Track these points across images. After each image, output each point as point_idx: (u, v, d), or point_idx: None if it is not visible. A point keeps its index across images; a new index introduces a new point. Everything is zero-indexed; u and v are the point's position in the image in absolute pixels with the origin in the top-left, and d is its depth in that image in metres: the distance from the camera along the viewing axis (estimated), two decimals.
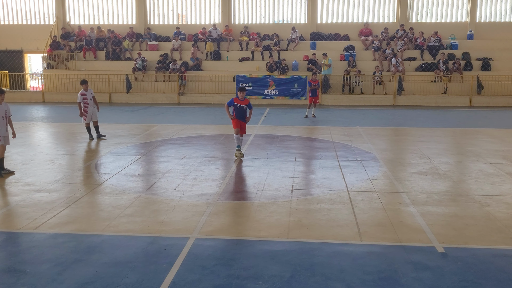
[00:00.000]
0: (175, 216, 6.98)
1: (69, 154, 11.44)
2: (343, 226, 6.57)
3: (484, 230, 6.45)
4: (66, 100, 24.23)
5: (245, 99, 10.90)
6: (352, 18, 27.08)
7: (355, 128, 15.40)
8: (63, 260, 5.45)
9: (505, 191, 8.27)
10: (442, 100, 22.69)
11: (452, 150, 12.30)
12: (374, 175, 9.39)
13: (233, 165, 10.23)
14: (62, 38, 27.08)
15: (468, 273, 5.15)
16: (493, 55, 24.29)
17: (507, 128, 15.62)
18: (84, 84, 13.29)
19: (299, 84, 23.06)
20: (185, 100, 23.90)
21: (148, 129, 15.22)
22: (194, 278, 5.05)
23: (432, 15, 26.92)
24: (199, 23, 27.65)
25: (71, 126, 15.94)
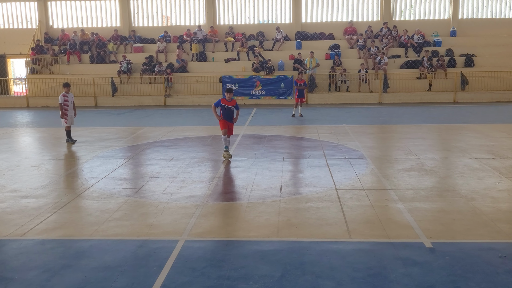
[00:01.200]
0: (164, 218, 6.96)
1: (55, 159, 11.34)
2: (332, 224, 6.61)
3: (470, 225, 6.54)
4: (51, 104, 23.98)
5: (232, 100, 10.90)
6: (336, 17, 27.23)
7: (342, 126, 15.49)
8: (52, 266, 5.40)
9: (490, 186, 8.39)
10: (427, 97, 22.92)
11: (438, 146, 12.44)
12: (361, 172, 9.45)
13: (221, 166, 10.23)
14: (45, 42, 26.83)
15: (456, 267, 5.21)
16: (476, 51, 24.60)
17: (491, 123, 15.83)
18: (66, 87, 13.21)
19: (286, 83, 23.11)
20: (171, 102, 23.82)
21: (135, 132, 15.14)
22: (184, 280, 5.04)
23: (415, 12, 27.18)
24: (184, 24, 27.58)
25: (56, 131, 15.78)
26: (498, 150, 11.30)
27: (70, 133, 13.30)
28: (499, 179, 8.80)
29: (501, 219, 6.72)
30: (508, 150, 11.33)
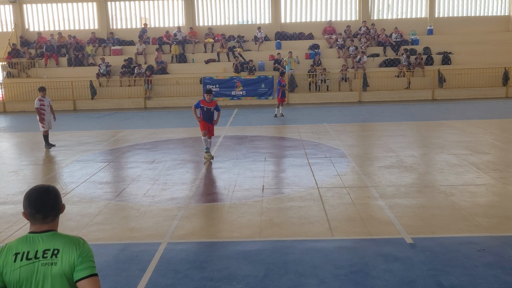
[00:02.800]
0: (146, 221, 6.91)
1: (34, 164, 11.17)
2: (314, 223, 6.65)
3: (450, 219, 6.64)
4: (28, 109, 23.54)
5: (212, 101, 10.88)
6: (315, 17, 27.38)
7: (322, 125, 15.59)
8: None
9: (468, 181, 8.53)
10: (406, 95, 23.19)
11: (417, 143, 12.61)
12: (342, 171, 9.53)
13: (203, 168, 10.20)
14: (21, 46, 26.38)
15: (436, 262, 5.30)
16: (452, 49, 24.98)
17: (469, 119, 16.11)
18: (42, 91, 13.03)
19: (266, 84, 23.15)
20: (151, 104, 23.66)
21: (115, 135, 14.99)
22: (167, 283, 5.01)
23: (392, 12, 27.50)
24: (163, 26, 27.41)
25: (34, 135, 15.53)
26: (475, 146, 11.51)
27: (47, 138, 13.10)
28: (477, 174, 8.96)
29: (479, 213, 6.85)
30: (485, 146, 11.55)
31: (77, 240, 2.66)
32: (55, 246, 2.58)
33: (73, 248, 2.59)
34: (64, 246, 2.59)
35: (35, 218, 2.61)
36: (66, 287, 2.56)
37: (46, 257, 2.55)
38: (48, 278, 2.53)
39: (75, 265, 2.56)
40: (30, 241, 2.58)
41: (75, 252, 2.58)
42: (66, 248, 2.58)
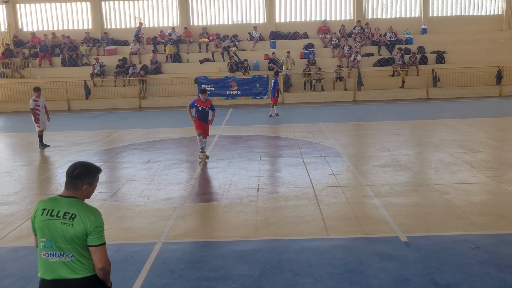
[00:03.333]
0: (141, 222, 6.90)
1: (28, 165, 11.12)
2: (310, 222, 6.66)
3: (444, 218, 6.67)
4: (22, 109, 23.44)
5: (207, 101, 10.86)
6: (310, 17, 27.40)
7: (317, 124, 15.61)
8: (26, 274, 5.29)
9: (462, 179, 8.57)
10: (400, 94, 23.26)
11: (412, 142, 12.65)
12: (337, 170, 9.55)
13: (198, 168, 10.19)
14: (15, 46, 26.25)
15: (430, 260, 5.32)
16: (446, 48, 25.08)
17: (463, 118, 16.18)
18: (37, 92, 12.98)
19: (261, 83, 23.15)
20: (146, 104, 23.60)
21: (109, 135, 14.95)
22: (162, 283, 5.01)
23: (387, 11, 27.57)
24: (157, 26, 27.34)
25: (28, 136, 15.46)
26: (469, 145, 11.56)
27: (42, 138, 13.05)
28: (471, 172, 9.01)
29: (474, 211, 6.89)
30: (479, 144, 11.60)
31: (94, 211, 3.20)
32: (74, 211, 3.14)
33: (88, 217, 3.13)
34: (81, 214, 3.13)
35: (65, 184, 3.26)
36: (76, 245, 3.13)
37: (65, 218, 3.13)
38: (64, 235, 3.11)
39: (88, 232, 3.12)
40: (56, 201, 3.20)
41: (88, 222, 3.12)
42: (82, 216, 3.12)
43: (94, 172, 3.31)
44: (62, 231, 3.11)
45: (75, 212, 3.14)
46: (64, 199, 3.20)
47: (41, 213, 3.18)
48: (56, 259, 3.16)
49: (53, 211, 3.16)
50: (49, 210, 3.17)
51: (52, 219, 3.14)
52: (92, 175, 3.29)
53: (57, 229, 3.12)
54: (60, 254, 3.16)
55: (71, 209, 3.15)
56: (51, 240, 3.14)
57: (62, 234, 3.11)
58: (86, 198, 3.31)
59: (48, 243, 3.15)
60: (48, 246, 3.16)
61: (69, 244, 3.13)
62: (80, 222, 3.11)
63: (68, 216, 3.13)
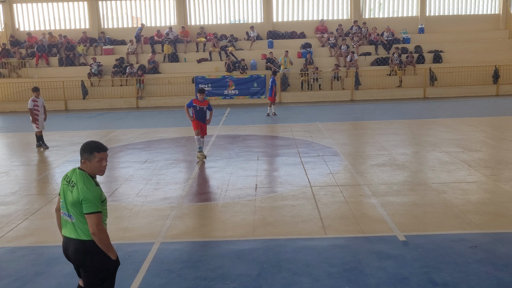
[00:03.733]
0: (138, 221, 6.89)
1: (25, 165, 11.09)
2: (307, 221, 6.66)
3: (442, 217, 6.68)
4: (19, 109, 23.42)
5: (204, 101, 10.86)
6: (307, 16, 27.42)
7: (315, 124, 15.61)
8: (24, 274, 5.29)
9: (460, 178, 8.59)
10: (397, 93, 23.30)
11: (409, 141, 12.67)
12: (335, 169, 9.55)
13: (196, 167, 10.18)
14: (11, 45, 26.17)
15: (428, 259, 5.33)
16: (443, 47, 25.13)
17: (460, 117, 16.21)
18: (36, 92, 12.95)
19: (259, 83, 23.15)
20: (143, 104, 23.57)
21: (107, 135, 14.93)
22: (161, 282, 5.00)
23: (384, 10, 27.60)
24: (155, 25, 27.31)
25: (25, 136, 15.43)
26: (467, 144, 11.58)
27: (42, 138, 13.05)
28: (468, 171, 9.03)
29: (471, 210, 6.90)
30: (476, 143, 11.63)
31: (87, 184, 3.65)
32: (75, 180, 3.69)
33: (81, 188, 3.62)
34: (78, 183, 3.66)
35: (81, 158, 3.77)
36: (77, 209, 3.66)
37: (70, 185, 3.70)
38: (68, 199, 3.69)
39: (79, 200, 3.62)
40: (73, 171, 3.80)
41: (80, 192, 3.62)
42: (79, 186, 3.64)
43: (90, 149, 3.72)
44: (68, 196, 3.70)
45: (76, 182, 3.68)
46: (76, 170, 3.78)
47: (63, 179, 3.84)
48: (66, 218, 3.77)
49: (69, 180, 3.76)
50: (66, 177, 3.82)
51: (66, 185, 3.76)
52: (88, 151, 3.72)
53: (66, 194, 3.72)
54: (68, 215, 3.74)
55: (75, 179, 3.70)
56: (64, 202, 3.75)
57: (68, 198, 3.70)
58: (97, 174, 3.79)
59: (63, 203, 3.77)
60: (63, 207, 3.79)
61: (71, 207, 3.68)
62: (76, 190, 3.64)
63: (72, 184, 3.70)
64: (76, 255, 3.71)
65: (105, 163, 3.76)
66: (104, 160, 3.75)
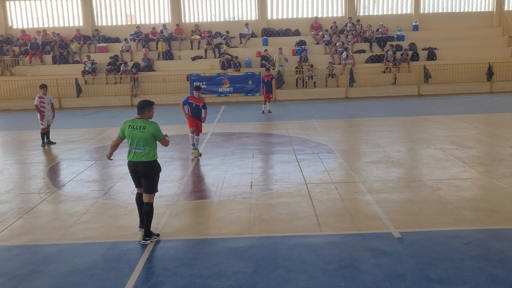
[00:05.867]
0: (134, 219, 6.87)
1: (19, 163, 11.03)
2: (303, 219, 6.67)
3: (437, 213, 6.71)
4: (13, 107, 23.31)
5: (200, 98, 10.85)
6: (302, 13, 27.41)
7: (310, 121, 15.63)
8: (19, 273, 5.26)
9: (454, 175, 8.63)
10: (392, 90, 23.35)
11: (404, 138, 12.70)
12: (330, 166, 9.57)
13: (191, 165, 10.17)
14: (4, 43, 26.00)
15: (423, 256, 5.35)
16: (437, 44, 25.20)
17: (454, 114, 16.26)
18: (43, 89, 12.93)
19: (253, 80, 23.13)
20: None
21: (101, 133, 14.87)
22: (156, 280, 5.00)
23: (378, 8, 27.63)
24: (149, 23, 27.22)
25: (19, 134, 15.36)
26: (461, 140, 11.63)
27: (48, 135, 13.06)
28: (463, 168, 9.07)
29: (466, 207, 6.93)
30: (470, 140, 11.68)
31: (153, 124, 6.01)
32: (144, 125, 5.96)
33: (151, 127, 5.95)
34: (147, 126, 5.95)
35: (137, 112, 6.06)
36: (146, 143, 5.93)
37: (140, 129, 5.94)
38: (140, 138, 5.90)
39: (153, 135, 5.95)
40: (134, 121, 6.00)
41: (151, 129, 5.95)
42: (148, 127, 5.94)
43: (150, 104, 6.08)
44: (139, 136, 5.91)
45: (145, 125, 5.95)
46: (138, 119, 6.02)
47: (128, 127, 5.98)
48: (138, 150, 5.95)
49: (134, 126, 5.96)
50: (131, 126, 5.97)
51: (134, 130, 5.94)
52: (149, 106, 6.06)
53: (137, 135, 5.92)
54: (137, 148, 5.95)
55: (143, 124, 5.96)
56: (134, 141, 5.92)
57: (139, 138, 5.90)
58: (149, 119, 6.09)
59: (133, 142, 5.93)
60: (133, 144, 5.94)
61: (142, 142, 5.92)
62: (148, 130, 5.93)
63: (142, 128, 5.93)
64: (144, 170, 5.96)
65: (153, 111, 6.14)
66: (153, 109, 6.14)
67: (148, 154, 5.94)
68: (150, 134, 5.88)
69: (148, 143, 5.89)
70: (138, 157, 5.93)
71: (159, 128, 6.00)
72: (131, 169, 6.05)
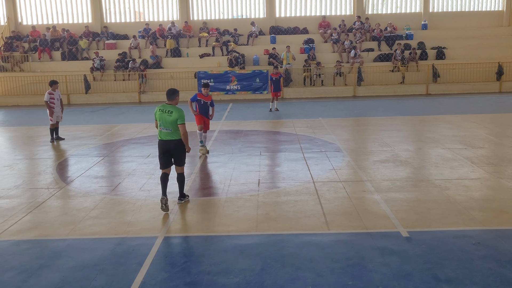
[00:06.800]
0: (142, 215, 6.90)
1: (28, 159, 11.11)
2: (310, 217, 6.67)
3: (445, 213, 6.68)
4: (22, 103, 23.46)
5: (208, 96, 10.86)
6: (310, 12, 27.35)
7: (317, 120, 15.60)
8: (28, 267, 5.31)
9: (463, 175, 8.58)
10: (400, 89, 23.25)
11: (412, 137, 12.65)
12: (338, 165, 9.55)
13: (199, 162, 10.19)
14: (14, 39, 26.15)
15: (432, 255, 5.33)
16: (446, 44, 25.05)
17: (463, 114, 16.17)
18: (54, 84, 13.04)
19: (261, 78, 23.11)
20: (146, 98, 23.57)
21: (109, 130, 14.94)
22: (164, 276, 5.02)
23: (387, 6, 27.50)
24: (157, 20, 27.28)
25: (28, 129, 15.47)
26: (469, 140, 11.57)
27: (57, 130, 13.18)
28: (471, 168, 9.02)
29: (474, 207, 6.90)
30: (479, 140, 11.61)
31: (179, 110, 7.00)
32: (172, 110, 6.98)
33: (176, 112, 6.94)
34: (174, 110, 6.96)
35: (167, 98, 7.16)
36: (173, 125, 6.95)
37: (169, 112, 6.98)
38: (168, 120, 6.94)
39: (176, 119, 6.93)
40: (165, 106, 7.08)
41: (177, 114, 6.94)
42: (175, 112, 6.94)
43: (177, 92, 7.19)
44: (167, 118, 6.97)
45: (172, 110, 7.00)
46: (167, 105, 7.12)
47: (158, 111, 7.08)
48: (164, 130, 7.02)
49: (164, 110, 7.04)
50: (162, 110, 7.06)
51: (163, 113, 7.01)
52: (177, 94, 7.19)
53: (166, 118, 6.98)
54: (166, 129, 7.00)
55: (171, 109, 7.02)
56: (163, 123, 6.99)
57: (167, 120, 6.97)
58: (176, 104, 7.16)
59: (162, 124, 7.00)
60: (162, 125, 7.01)
61: (169, 124, 6.97)
62: (174, 114, 6.96)
63: (170, 112, 6.99)
64: (176, 147, 7.05)
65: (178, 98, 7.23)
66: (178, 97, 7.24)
67: (174, 133, 6.99)
68: (175, 118, 6.94)
69: (173, 125, 6.95)
70: (166, 136, 7.01)
71: (183, 115, 6.97)
72: (163, 148, 7.04)
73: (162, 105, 7.09)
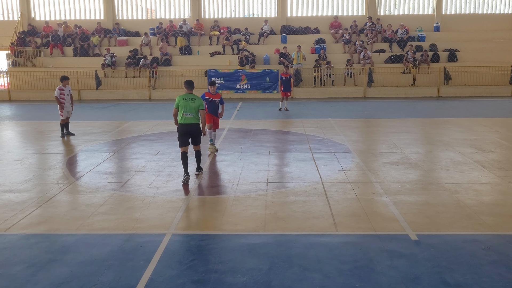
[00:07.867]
0: (150, 212, 6.93)
1: (39, 153, 11.19)
2: (319, 218, 6.65)
3: (455, 217, 6.63)
4: (33, 98, 23.65)
5: (216, 94, 10.86)
6: (322, 12, 27.29)
7: (327, 120, 15.56)
8: (37, 261, 5.34)
9: (473, 179, 8.51)
10: (411, 91, 23.12)
11: (422, 140, 12.57)
12: (347, 166, 9.52)
13: (207, 160, 10.20)
14: (27, 35, 26.36)
15: (440, 259, 5.29)
16: (459, 46, 24.85)
17: (474, 117, 16.04)
18: (65, 80, 13.14)
19: (271, 77, 23.10)
20: (156, 95, 23.65)
21: (119, 126, 15.01)
22: (172, 274, 5.03)
23: (399, 7, 27.35)
24: (169, 17, 27.35)
25: (39, 124, 15.58)
26: (480, 144, 11.47)
27: (68, 126, 13.27)
28: (482, 172, 8.94)
29: (484, 211, 6.84)
30: (490, 144, 11.51)
31: (200, 98, 8.53)
32: (194, 97, 8.43)
33: (199, 100, 8.43)
34: (196, 98, 8.42)
35: (187, 88, 8.55)
36: (195, 110, 8.36)
37: (192, 100, 8.38)
38: (191, 106, 8.33)
39: (198, 105, 8.40)
40: (187, 94, 8.46)
41: (199, 101, 8.42)
42: (197, 99, 8.42)
43: (192, 83, 8.64)
44: (191, 105, 8.26)
45: (195, 98, 8.33)
46: (189, 93, 8.39)
47: (182, 99, 8.28)
48: (189, 115, 8.27)
49: (187, 98, 8.30)
50: (185, 98, 8.31)
51: (187, 101, 8.27)
52: (194, 84, 8.63)
53: (190, 104, 8.25)
54: (189, 114, 8.27)
55: (193, 97, 8.34)
56: (186, 108, 8.23)
57: (191, 106, 8.25)
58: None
59: (185, 110, 8.23)
60: (185, 111, 8.23)
61: (192, 110, 8.26)
62: (197, 101, 8.32)
63: (193, 99, 8.31)
64: (196, 130, 8.41)
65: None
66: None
67: (195, 118, 8.29)
68: (198, 104, 8.25)
69: (196, 110, 8.27)
70: (188, 120, 8.24)
71: (203, 102, 8.52)
72: (184, 130, 8.31)
73: (184, 95, 8.31)
